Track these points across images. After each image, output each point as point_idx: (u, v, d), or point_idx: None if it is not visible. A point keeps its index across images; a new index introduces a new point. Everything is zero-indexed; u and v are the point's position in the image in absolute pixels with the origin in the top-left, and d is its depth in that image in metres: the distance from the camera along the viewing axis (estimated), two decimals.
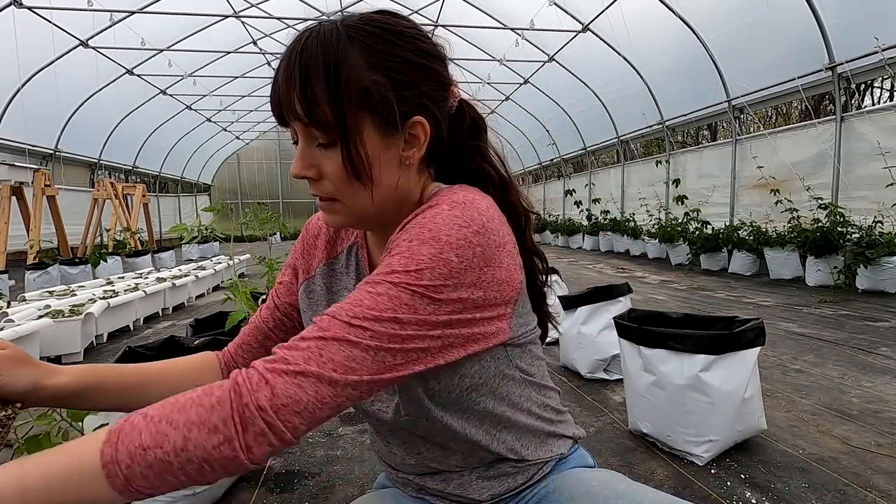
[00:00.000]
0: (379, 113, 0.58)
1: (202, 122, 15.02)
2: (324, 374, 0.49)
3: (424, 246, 0.54)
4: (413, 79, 0.60)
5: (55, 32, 7.89)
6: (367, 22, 0.60)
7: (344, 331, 0.51)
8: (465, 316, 0.55)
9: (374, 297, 0.53)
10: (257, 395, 0.48)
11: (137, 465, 0.45)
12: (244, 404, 0.47)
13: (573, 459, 0.74)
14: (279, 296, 0.81)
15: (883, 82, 12.78)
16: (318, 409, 0.50)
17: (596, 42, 8.94)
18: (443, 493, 0.71)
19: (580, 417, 2.17)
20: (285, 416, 0.48)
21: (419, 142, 0.62)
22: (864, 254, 4.95)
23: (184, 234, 2.12)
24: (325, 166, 0.60)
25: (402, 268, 0.53)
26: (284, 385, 0.49)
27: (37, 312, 3.34)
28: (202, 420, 0.47)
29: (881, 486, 1.56)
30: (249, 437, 0.47)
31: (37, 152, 9.88)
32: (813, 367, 2.78)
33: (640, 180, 10.57)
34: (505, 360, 0.65)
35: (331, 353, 0.50)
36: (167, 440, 0.46)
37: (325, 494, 1.62)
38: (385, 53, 0.59)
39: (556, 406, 0.75)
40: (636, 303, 3.72)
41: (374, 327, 0.51)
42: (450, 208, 0.58)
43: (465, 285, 0.54)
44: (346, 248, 0.76)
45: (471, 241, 0.55)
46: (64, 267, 7.15)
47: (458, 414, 0.64)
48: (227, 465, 0.47)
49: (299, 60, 0.57)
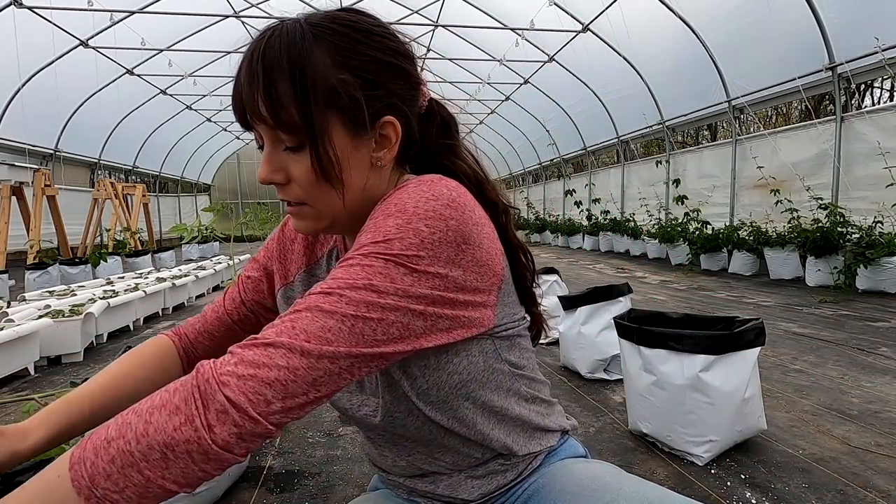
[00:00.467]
0: (347, 113, 0.57)
1: (202, 122, 15.02)
2: (295, 344, 0.46)
3: (390, 218, 0.53)
4: (382, 78, 0.59)
5: (55, 32, 7.89)
6: (333, 20, 0.58)
7: (317, 300, 0.49)
8: (448, 294, 0.53)
9: (347, 269, 0.51)
10: (221, 369, 0.45)
11: (101, 459, 0.42)
12: (205, 380, 0.45)
13: (563, 450, 0.73)
14: (246, 291, 0.80)
15: (883, 82, 12.79)
16: (292, 383, 0.45)
17: (596, 42, 8.94)
18: (433, 495, 0.70)
19: (580, 417, 2.17)
20: (252, 389, 0.44)
21: (390, 142, 0.61)
22: (864, 254, 4.95)
23: (184, 234, 2.13)
24: (292, 170, 0.58)
25: (369, 241, 0.52)
26: (252, 356, 0.45)
27: (37, 312, 3.34)
28: (164, 402, 0.44)
29: (881, 487, 1.56)
30: (211, 414, 0.43)
31: (37, 152, 9.88)
32: (813, 367, 2.78)
33: (640, 180, 10.57)
34: (493, 354, 0.64)
35: (303, 323, 0.47)
36: (130, 428, 0.43)
37: (324, 494, 1.62)
38: (352, 52, 0.57)
39: (545, 398, 0.74)
40: (636, 303, 3.72)
41: (348, 294, 0.49)
42: (416, 185, 0.57)
43: (442, 260, 0.52)
44: (326, 253, 0.74)
45: (441, 214, 0.53)
46: (64, 267, 7.15)
47: (448, 412, 0.63)
48: (190, 449, 0.43)
49: (262, 60, 0.54)
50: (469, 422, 0.64)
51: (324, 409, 2.31)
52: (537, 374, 0.74)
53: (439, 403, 0.62)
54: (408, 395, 0.61)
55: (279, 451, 1.92)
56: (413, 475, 0.71)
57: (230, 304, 0.80)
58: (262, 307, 0.80)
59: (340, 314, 0.48)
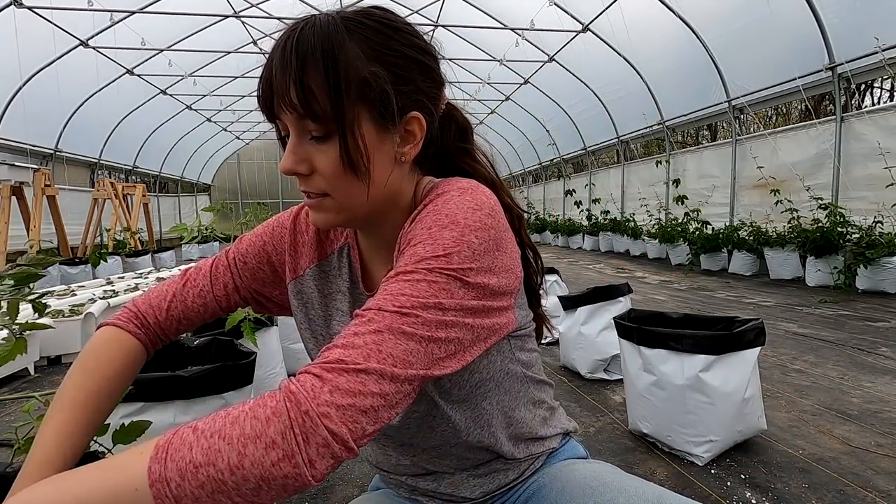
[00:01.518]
0: (377, 106, 0.57)
1: (202, 122, 15.01)
2: (385, 371, 0.46)
3: (446, 231, 0.54)
4: (411, 74, 0.60)
5: (55, 32, 7.89)
6: (365, 15, 0.59)
7: (397, 322, 0.48)
8: (488, 303, 0.54)
9: (414, 284, 0.50)
10: (318, 399, 0.43)
11: (189, 483, 0.40)
12: (303, 412, 0.42)
13: (564, 452, 0.75)
14: (242, 278, 0.75)
15: (883, 82, 12.77)
16: (384, 409, 0.45)
17: (596, 42, 8.94)
18: (435, 493, 0.71)
19: (580, 417, 2.17)
20: (351, 420, 0.43)
21: (415, 138, 0.62)
22: (864, 254, 4.95)
23: (184, 234, 2.12)
24: (317, 161, 0.58)
25: (430, 254, 0.52)
26: (347, 383, 0.44)
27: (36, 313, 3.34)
28: (258, 434, 0.41)
29: (881, 487, 1.55)
30: (312, 449, 0.42)
31: (37, 152, 9.87)
32: (813, 367, 2.77)
33: (640, 180, 10.56)
34: (508, 354, 0.66)
35: (389, 347, 0.47)
36: (221, 457, 0.41)
37: (324, 494, 1.62)
38: (383, 46, 0.58)
39: (549, 401, 0.75)
40: (636, 303, 3.71)
41: (422, 314, 0.49)
42: (459, 194, 0.58)
43: (485, 270, 0.54)
44: (337, 249, 0.74)
45: (486, 224, 0.55)
46: (64, 267, 7.15)
47: (465, 412, 0.64)
48: (287, 483, 0.42)
49: (296, 49, 0.54)
50: (484, 423, 0.66)
51: None
52: (543, 376, 0.75)
53: (459, 402, 0.63)
54: (430, 394, 0.62)
55: None
56: (416, 474, 0.72)
57: (220, 290, 0.74)
58: (260, 295, 0.77)
59: (419, 336, 0.48)
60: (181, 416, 1.43)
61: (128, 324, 0.70)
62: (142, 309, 0.72)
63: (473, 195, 0.58)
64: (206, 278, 0.75)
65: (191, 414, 1.44)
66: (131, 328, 0.69)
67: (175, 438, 0.42)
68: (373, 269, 0.70)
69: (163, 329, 0.72)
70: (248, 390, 1.64)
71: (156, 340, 0.72)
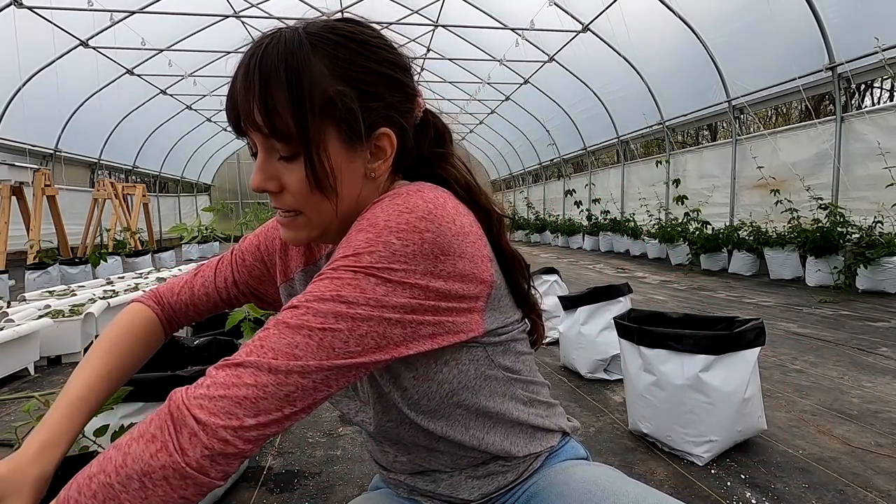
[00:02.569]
0: (343, 124, 0.56)
1: (202, 122, 15.02)
2: (262, 363, 0.46)
3: (361, 233, 0.53)
4: (378, 90, 0.59)
5: (55, 32, 7.89)
6: (330, 30, 0.58)
7: (284, 316, 0.49)
8: (429, 303, 0.53)
9: (317, 283, 0.51)
10: (193, 393, 0.46)
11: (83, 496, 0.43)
12: (177, 406, 0.45)
13: (564, 452, 0.74)
14: (240, 272, 0.80)
15: (883, 82, 12.78)
16: (262, 400, 0.46)
17: (596, 42, 8.94)
18: (433, 494, 0.71)
19: (580, 417, 2.17)
20: (223, 409, 0.45)
21: (385, 154, 0.61)
22: (864, 254, 4.95)
23: (184, 234, 2.13)
24: (286, 179, 0.58)
25: (340, 255, 0.53)
26: (224, 377, 0.46)
27: (37, 312, 3.34)
28: (141, 433, 0.45)
29: (881, 487, 1.56)
30: (183, 437, 0.44)
31: (37, 152, 9.88)
32: (813, 367, 2.78)
33: (640, 180, 10.57)
34: (485, 361, 0.64)
35: (271, 342, 0.48)
36: (110, 462, 0.44)
37: (324, 494, 1.62)
38: (349, 63, 0.57)
39: (544, 400, 0.74)
40: (636, 303, 3.71)
41: (315, 306, 0.49)
42: (391, 199, 0.56)
43: (419, 272, 0.52)
44: (325, 254, 0.75)
45: (415, 226, 0.53)
46: (64, 267, 7.14)
47: (441, 420, 0.64)
48: (167, 475, 0.44)
49: (259, 68, 0.54)
50: (462, 427, 0.65)
51: (324, 409, 2.31)
52: (535, 377, 0.73)
53: (430, 412, 0.62)
54: (398, 406, 0.61)
55: (279, 452, 1.92)
56: (414, 472, 0.72)
57: (221, 282, 0.80)
58: (257, 291, 0.81)
59: (308, 328, 0.48)
60: None
61: (148, 300, 0.80)
62: (160, 290, 0.82)
63: (406, 198, 0.55)
64: (212, 271, 0.82)
65: None
66: (150, 304, 0.80)
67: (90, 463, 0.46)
68: None
69: (174, 311, 0.80)
70: None
71: (171, 320, 0.80)
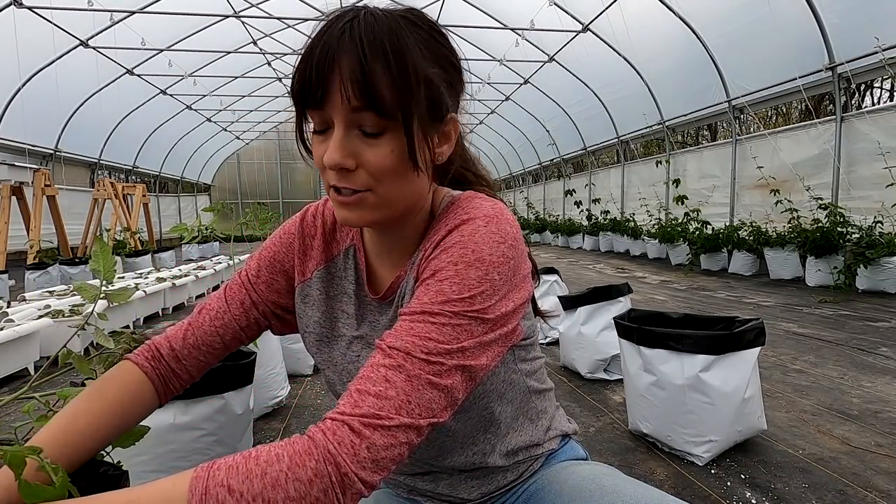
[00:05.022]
0: (431, 105, 0.58)
1: (202, 122, 15.02)
2: (414, 423, 0.49)
3: (472, 269, 0.55)
4: (453, 78, 0.61)
5: (55, 32, 7.89)
6: (416, 16, 0.59)
7: (426, 371, 0.51)
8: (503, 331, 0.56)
9: (440, 328, 0.52)
10: (357, 457, 0.46)
11: None
12: (343, 474, 0.45)
13: (563, 453, 0.75)
14: (258, 293, 0.73)
15: (883, 82, 12.77)
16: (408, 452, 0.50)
17: (596, 42, 8.94)
18: (433, 493, 0.71)
19: (580, 417, 2.17)
20: (383, 468, 0.48)
21: (450, 139, 0.63)
22: (864, 254, 4.95)
23: (184, 234, 2.12)
24: (367, 156, 0.55)
25: (456, 295, 0.54)
26: (382, 440, 0.48)
27: (37, 312, 3.34)
28: (302, 496, 0.44)
29: (881, 487, 1.55)
30: (348, 499, 0.46)
31: (37, 152, 9.88)
32: (813, 367, 2.77)
33: (640, 180, 10.56)
34: (512, 363, 0.66)
35: (419, 399, 0.50)
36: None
37: None
38: (437, 48, 0.59)
39: (549, 410, 0.76)
40: (636, 303, 3.71)
41: (448, 362, 0.52)
42: (485, 223, 0.58)
43: (504, 299, 0.56)
44: (343, 250, 0.73)
45: (507, 256, 0.57)
46: (64, 267, 7.14)
47: (467, 422, 0.65)
48: None
49: (364, 39, 0.53)
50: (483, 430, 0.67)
51: (324, 406, 2.31)
52: (546, 382, 0.76)
53: (460, 413, 0.64)
54: None
55: None
56: (414, 473, 0.72)
57: (237, 309, 0.72)
58: (278, 307, 0.75)
59: (443, 385, 0.51)
60: (181, 417, 1.43)
61: (138, 356, 0.69)
62: (156, 342, 0.71)
63: (499, 225, 0.58)
64: (221, 300, 0.73)
65: (190, 414, 1.44)
66: (140, 360, 0.69)
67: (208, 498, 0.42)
68: (379, 271, 0.70)
69: (179, 360, 0.70)
70: (248, 390, 1.64)
71: (168, 375, 0.70)
